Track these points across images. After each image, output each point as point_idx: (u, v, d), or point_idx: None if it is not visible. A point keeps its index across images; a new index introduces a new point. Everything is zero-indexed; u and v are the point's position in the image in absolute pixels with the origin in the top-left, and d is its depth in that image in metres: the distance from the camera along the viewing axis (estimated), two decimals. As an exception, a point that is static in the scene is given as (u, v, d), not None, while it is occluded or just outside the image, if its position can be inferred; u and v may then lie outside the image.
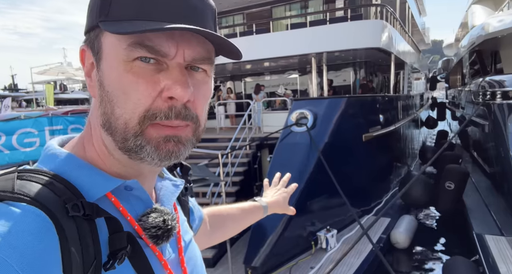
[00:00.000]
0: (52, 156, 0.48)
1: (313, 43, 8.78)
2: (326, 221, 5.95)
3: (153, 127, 0.44)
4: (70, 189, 0.43)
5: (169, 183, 0.59)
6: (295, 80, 12.42)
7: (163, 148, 0.44)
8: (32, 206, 0.38)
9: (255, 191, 7.36)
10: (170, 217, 0.51)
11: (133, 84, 0.43)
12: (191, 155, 2.74)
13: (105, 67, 0.44)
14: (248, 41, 9.99)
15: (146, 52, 0.42)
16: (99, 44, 0.45)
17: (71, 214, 0.40)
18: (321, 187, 5.80)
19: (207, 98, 0.49)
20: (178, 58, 0.44)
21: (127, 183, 0.48)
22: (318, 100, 7.20)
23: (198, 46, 0.45)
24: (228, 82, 13.48)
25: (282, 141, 6.19)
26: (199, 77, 0.47)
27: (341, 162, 6.17)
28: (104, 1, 0.44)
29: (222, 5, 11.91)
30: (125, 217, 0.48)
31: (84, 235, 0.41)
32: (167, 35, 0.42)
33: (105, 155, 0.48)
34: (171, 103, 0.43)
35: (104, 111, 0.45)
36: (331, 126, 6.21)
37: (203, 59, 0.46)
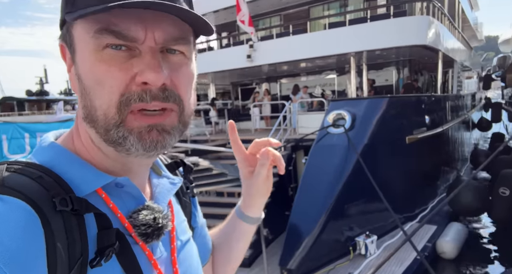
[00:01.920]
0: (45, 149, 0.47)
1: (353, 42, 8.54)
2: (365, 226, 5.72)
3: (133, 115, 0.42)
4: (60, 183, 0.42)
5: (166, 181, 0.58)
6: (332, 80, 12.13)
7: (146, 138, 0.43)
8: (18, 199, 0.37)
9: (290, 193, 7.29)
10: (161, 215, 0.49)
11: (106, 72, 0.41)
12: (225, 155, 2.77)
13: (79, 60, 0.43)
14: (284, 42, 9.97)
15: (114, 38, 0.40)
16: (71, 37, 0.44)
17: (58, 209, 0.39)
18: (360, 191, 5.59)
19: (188, 80, 0.47)
20: (149, 41, 0.42)
21: (118, 180, 0.47)
22: (357, 100, 6.96)
23: (170, 26, 0.43)
24: (264, 84, 13.53)
25: (318, 142, 6.07)
26: (176, 60, 0.45)
27: (381, 165, 5.90)
28: None
29: (260, 7, 12.01)
30: (115, 213, 0.47)
31: (71, 230, 0.40)
32: (134, 18, 0.40)
33: (93, 149, 0.47)
34: (145, 87, 0.42)
35: (84, 105, 0.44)
36: (371, 127, 5.96)
37: (176, 40, 0.44)
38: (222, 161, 6.75)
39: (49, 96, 33.86)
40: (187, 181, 0.66)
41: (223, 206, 6.61)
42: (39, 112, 29.82)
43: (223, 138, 9.03)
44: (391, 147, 6.28)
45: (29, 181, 0.40)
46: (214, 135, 9.98)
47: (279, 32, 10.94)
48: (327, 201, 5.38)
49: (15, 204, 0.37)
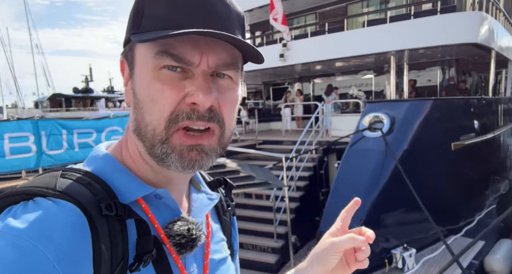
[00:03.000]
0: (96, 158, 0.51)
1: (393, 40, 8.10)
2: (402, 238, 5.33)
3: (178, 134, 0.45)
4: (106, 189, 0.46)
5: (204, 196, 0.59)
6: (369, 81, 11.59)
7: (186, 156, 0.46)
8: (70, 203, 0.41)
9: (321, 198, 7.00)
10: (195, 226, 0.51)
11: (160, 91, 0.44)
12: (255, 156, 2.48)
13: (137, 77, 0.47)
14: (319, 41, 9.68)
15: (172, 61, 0.44)
16: (132, 55, 0.48)
17: (104, 213, 0.42)
18: (397, 200, 5.22)
19: (233, 104, 0.49)
20: (203, 65, 0.45)
21: (157, 191, 0.50)
22: (397, 102, 6.51)
23: (223, 52, 0.46)
24: (296, 83, 13.26)
25: (352, 146, 5.76)
26: (224, 84, 0.48)
27: (422, 172, 5.48)
28: (136, 15, 0.47)
29: (295, 5, 11.79)
30: (153, 224, 0.49)
31: (115, 234, 0.43)
32: (191, 44, 0.44)
33: (139, 160, 0.50)
34: (194, 108, 0.45)
35: (135, 118, 0.47)
36: (411, 132, 5.55)
37: (227, 65, 0.47)
38: (250, 162, 6.64)
39: (93, 94, 36.13)
40: (228, 199, 0.67)
41: (251, 208, 6.49)
42: (84, 109, 31.88)
43: (252, 138, 8.93)
44: (434, 154, 5.81)
45: (79, 187, 0.44)
46: (244, 135, 9.91)
47: (314, 31, 10.63)
48: (360, 208, 4.94)
49: (67, 207, 0.41)
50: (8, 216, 0.39)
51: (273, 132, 10.87)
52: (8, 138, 4.23)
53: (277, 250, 5.71)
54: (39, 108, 32.62)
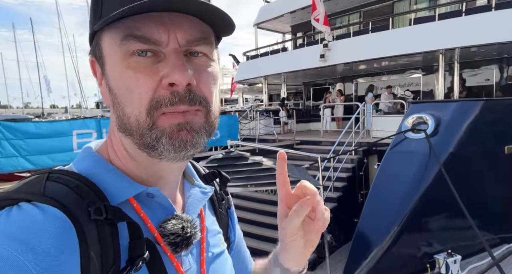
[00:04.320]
0: (85, 158, 0.50)
1: (442, 38, 7.69)
2: (447, 243, 5.10)
3: (163, 116, 0.43)
4: (95, 191, 0.44)
5: (198, 190, 0.57)
6: (417, 80, 11.05)
7: (176, 137, 0.43)
8: (56, 208, 0.39)
9: (360, 199, 6.90)
10: (189, 224, 0.50)
11: (134, 80, 0.42)
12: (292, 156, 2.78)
13: (108, 70, 0.45)
14: (362, 40, 9.47)
15: (139, 43, 0.42)
16: (100, 50, 0.46)
17: (93, 217, 0.41)
18: (442, 204, 5.01)
19: (212, 81, 0.47)
20: (172, 43, 0.43)
21: (149, 190, 0.48)
22: (444, 103, 6.20)
23: (191, 28, 0.43)
24: (338, 84, 13.05)
25: (393, 147, 5.62)
26: (199, 62, 0.46)
27: (470, 177, 5.17)
28: (96, 6, 0.45)
29: (338, 5, 11.65)
30: (145, 223, 0.47)
31: (105, 239, 0.41)
32: (156, 22, 0.42)
33: (126, 158, 0.49)
34: (173, 89, 0.42)
35: (117, 115, 0.45)
36: (458, 134, 5.28)
37: (198, 40, 0.44)
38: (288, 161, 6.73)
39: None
40: (223, 192, 0.65)
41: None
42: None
43: (290, 138, 9.03)
44: (484, 157, 5.45)
45: (67, 190, 0.42)
46: (282, 135, 10.05)
47: (356, 30, 10.43)
48: (401, 211, 4.96)
49: (52, 213, 0.39)
50: None
51: (312, 132, 10.85)
52: (76, 134, 4.86)
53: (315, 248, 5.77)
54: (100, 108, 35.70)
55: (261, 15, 14.30)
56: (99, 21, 0.42)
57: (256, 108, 12.75)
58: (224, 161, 3.96)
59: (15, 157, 4.19)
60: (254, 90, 20.41)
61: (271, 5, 14.50)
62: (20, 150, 4.24)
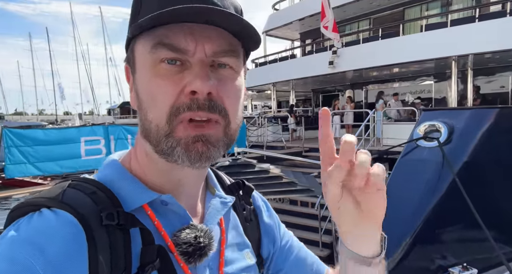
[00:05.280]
0: (106, 166, 0.52)
1: (455, 45, 7.56)
2: (462, 256, 4.90)
3: (181, 126, 0.44)
4: (111, 198, 0.45)
5: (218, 201, 0.57)
6: (429, 87, 10.86)
7: (191, 149, 0.44)
8: (69, 213, 0.41)
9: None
10: (203, 234, 0.48)
11: (159, 86, 0.44)
12: (300, 163, 2.66)
13: (138, 76, 0.47)
14: (371, 47, 9.39)
15: (167, 51, 0.43)
16: (133, 57, 0.48)
17: (104, 223, 0.42)
18: (456, 215, 4.84)
19: (235, 94, 0.47)
20: (199, 53, 0.44)
21: (162, 197, 0.48)
22: (457, 111, 6.04)
23: (219, 39, 0.44)
24: (348, 90, 12.94)
25: (405, 156, 5.48)
26: (225, 73, 0.46)
27: (485, 187, 4.98)
28: (134, 16, 0.47)
29: (347, 12, 11.62)
30: (159, 231, 0.47)
31: (116, 244, 0.42)
32: (185, 32, 0.43)
33: (146, 164, 0.50)
34: (193, 97, 0.43)
35: (140, 119, 0.47)
36: (473, 143, 5.11)
37: (225, 52, 0.45)
38: (296, 169, 6.67)
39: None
40: (245, 203, 0.63)
41: (296, 215, 6.49)
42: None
43: (299, 145, 8.94)
44: (500, 167, 5.25)
45: (82, 196, 0.44)
46: (290, 142, 9.97)
47: (366, 37, 10.36)
48: (413, 222, 4.80)
49: (66, 218, 0.41)
50: (12, 229, 0.41)
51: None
52: (84, 141, 4.90)
53: (323, 259, 5.40)
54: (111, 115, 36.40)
55: (270, 22, 14.38)
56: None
57: (264, 115, 12.73)
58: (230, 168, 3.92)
59: (24, 163, 4.23)
60: (263, 97, 20.44)
61: (280, 12, 14.58)
62: (29, 156, 4.29)
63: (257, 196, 0.67)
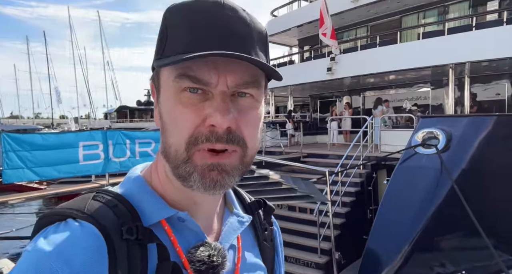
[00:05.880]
0: (129, 179, 0.54)
1: (452, 53, 7.66)
2: (461, 264, 4.90)
3: (199, 153, 0.45)
4: (131, 212, 0.47)
5: (235, 219, 0.58)
6: (426, 94, 10.95)
7: (207, 177, 0.45)
8: (93, 225, 0.43)
9: (369, 215, 6.72)
10: (217, 253, 0.49)
11: (181, 114, 0.45)
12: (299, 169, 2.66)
13: (162, 100, 0.49)
14: (369, 54, 9.47)
15: (190, 82, 0.44)
16: (158, 80, 0.49)
17: (124, 237, 0.44)
18: (455, 222, 4.83)
19: (255, 123, 0.49)
20: (221, 86, 0.45)
21: (179, 214, 0.49)
22: (455, 118, 6.09)
23: (242, 72, 0.46)
24: (345, 97, 13.01)
25: (403, 162, 5.49)
26: (245, 103, 0.47)
27: (484, 194, 4.99)
28: (161, 41, 0.48)
29: (345, 20, 11.73)
30: (175, 247, 0.49)
31: (134, 258, 0.43)
32: (209, 65, 0.44)
33: (165, 181, 0.51)
34: (212, 129, 0.44)
35: (162, 140, 0.49)
36: (471, 150, 5.13)
37: (247, 84, 0.46)
38: (295, 175, 6.66)
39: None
40: (266, 222, 0.64)
41: (295, 221, 6.47)
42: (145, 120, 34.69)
43: (297, 150, 8.94)
44: (498, 174, 5.27)
45: (106, 209, 0.46)
46: (289, 148, 9.96)
47: (364, 44, 10.46)
48: (412, 229, 4.79)
49: (90, 230, 0.43)
50: (40, 237, 0.43)
51: (319, 145, 10.74)
52: (82, 146, 4.85)
53: (321, 266, 5.59)
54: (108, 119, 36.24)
55: (268, 28, 14.37)
56: (161, 57, 0.47)
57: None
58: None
59: (21, 168, 4.18)
60: (261, 102, 20.45)
61: (279, 19, 14.70)
62: (27, 161, 4.24)
63: (274, 219, 0.68)
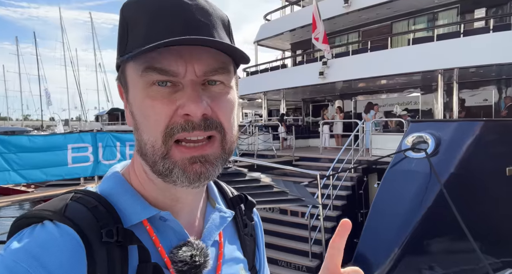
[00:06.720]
0: (108, 178, 0.53)
1: (441, 59, 7.79)
2: (450, 267, 4.95)
3: (177, 148, 0.44)
4: (111, 212, 0.46)
5: (217, 215, 0.57)
6: (416, 99, 11.12)
7: (190, 170, 0.44)
8: (71, 228, 0.42)
9: (359, 219, 6.75)
10: (199, 253, 0.49)
11: (151, 108, 0.44)
12: (291, 172, 2.66)
13: (131, 98, 0.47)
14: (361, 58, 9.59)
15: (158, 75, 0.43)
16: (124, 78, 0.48)
17: (104, 240, 0.43)
18: (443, 226, 4.89)
19: (229, 108, 0.48)
20: (189, 75, 0.44)
21: (161, 213, 0.48)
22: (443, 123, 6.18)
23: (208, 59, 0.45)
24: (337, 101, 13.12)
25: (393, 166, 5.55)
26: (216, 90, 0.47)
27: (472, 198, 5.07)
28: (122, 38, 0.47)
29: (337, 24, 11.86)
30: (156, 247, 0.48)
31: (114, 261, 0.43)
32: (174, 55, 0.43)
33: (145, 180, 0.50)
34: (187, 119, 0.44)
35: (136, 138, 0.47)
36: (459, 154, 5.21)
37: (215, 71, 0.46)
38: (286, 178, 6.67)
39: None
40: (247, 218, 0.64)
41: (286, 224, 6.46)
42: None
43: (289, 154, 8.96)
44: (486, 179, 5.37)
45: (84, 211, 0.45)
46: (281, 151, 9.98)
47: (355, 49, 10.59)
48: (402, 233, 4.83)
49: (67, 233, 0.42)
50: (15, 240, 0.42)
51: (311, 149, 10.79)
52: (71, 148, 4.77)
53: (312, 269, 5.59)
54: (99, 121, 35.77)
55: (261, 32, 14.55)
56: (124, 54, 0.46)
57: (255, 123, 12.74)
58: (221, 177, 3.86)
59: (7, 171, 4.08)
60: (254, 105, 20.49)
61: (272, 23, 14.78)
62: (13, 163, 4.14)
63: (255, 211, 0.68)
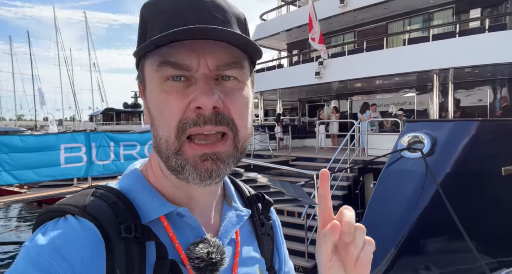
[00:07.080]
0: (128, 175, 0.54)
1: (437, 59, 7.82)
2: (446, 267, 4.96)
3: (189, 145, 0.45)
4: (130, 208, 0.47)
5: (234, 213, 0.57)
6: (411, 99, 11.16)
7: (201, 167, 0.45)
8: (92, 223, 0.43)
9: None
10: (215, 250, 0.49)
11: (165, 102, 0.45)
12: (287, 172, 2.61)
13: (148, 94, 0.48)
14: (357, 59, 9.61)
15: (172, 69, 0.44)
16: (143, 75, 0.49)
17: (122, 235, 0.44)
18: (439, 226, 4.90)
19: (242, 104, 0.48)
20: (202, 69, 0.44)
21: (179, 209, 0.49)
22: (439, 123, 6.19)
23: (222, 53, 0.45)
24: (333, 101, 13.14)
25: (389, 166, 5.55)
26: (230, 85, 0.47)
27: (468, 198, 5.08)
28: (141, 36, 0.48)
29: (333, 25, 11.87)
30: (173, 243, 0.48)
31: (132, 256, 0.43)
32: (188, 49, 0.44)
33: (161, 177, 0.51)
34: (199, 112, 0.44)
35: (153, 134, 0.48)
36: (455, 154, 5.23)
37: (228, 65, 0.46)
38: (283, 178, 6.65)
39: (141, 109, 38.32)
40: (265, 217, 0.63)
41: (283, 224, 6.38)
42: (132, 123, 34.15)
43: (286, 154, 8.95)
44: (482, 179, 5.39)
45: (104, 206, 0.46)
46: (278, 151, 9.97)
47: (351, 49, 10.61)
48: (398, 233, 4.83)
49: (88, 227, 0.43)
50: (40, 232, 0.43)
51: (307, 149, 10.79)
52: (63, 148, 4.69)
53: (309, 270, 5.56)
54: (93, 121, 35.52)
55: (257, 32, 14.52)
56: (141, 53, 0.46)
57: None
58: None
59: (-2, 171, 4.01)
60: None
61: (268, 23, 14.77)
62: (4, 164, 4.06)
63: (273, 210, 0.68)
